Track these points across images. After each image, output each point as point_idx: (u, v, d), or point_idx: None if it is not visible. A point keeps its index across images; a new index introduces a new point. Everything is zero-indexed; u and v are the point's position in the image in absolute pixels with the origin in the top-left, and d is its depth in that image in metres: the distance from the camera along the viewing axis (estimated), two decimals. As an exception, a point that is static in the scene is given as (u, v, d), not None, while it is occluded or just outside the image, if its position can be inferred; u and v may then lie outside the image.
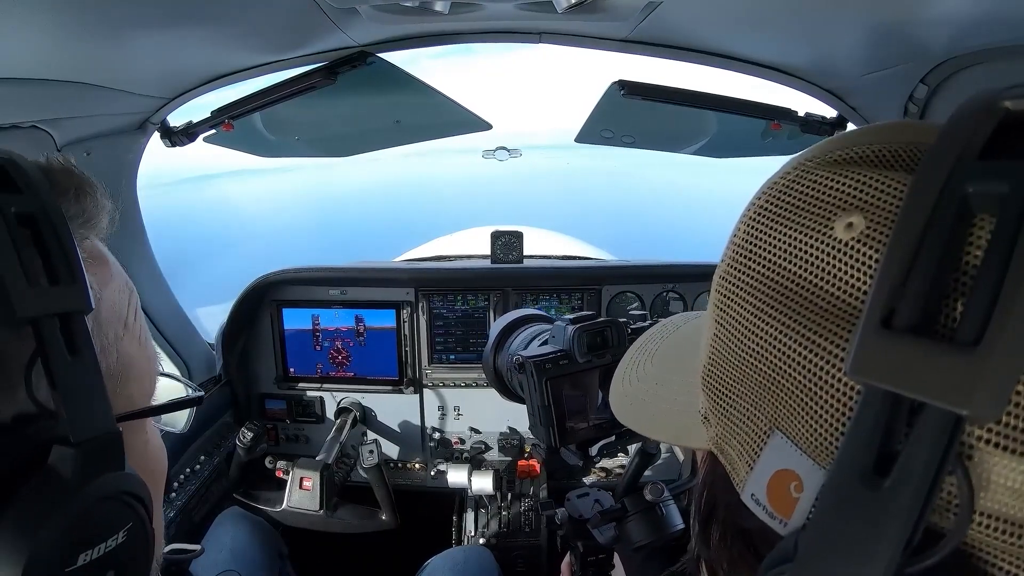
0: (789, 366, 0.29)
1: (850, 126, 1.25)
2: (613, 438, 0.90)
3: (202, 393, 0.53)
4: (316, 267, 1.67)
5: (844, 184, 0.29)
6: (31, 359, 0.32)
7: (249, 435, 1.59)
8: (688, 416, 0.38)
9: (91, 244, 0.40)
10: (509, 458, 1.73)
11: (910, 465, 0.23)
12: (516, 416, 1.74)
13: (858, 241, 0.27)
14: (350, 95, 1.36)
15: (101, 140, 1.15)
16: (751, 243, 0.33)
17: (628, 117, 1.52)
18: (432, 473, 1.75)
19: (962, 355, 0.21)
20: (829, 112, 1.26)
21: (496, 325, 1.07)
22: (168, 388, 0.53)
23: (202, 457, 1.54)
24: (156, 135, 1.30)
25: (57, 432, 0.33)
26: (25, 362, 0.32)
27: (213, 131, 1.35)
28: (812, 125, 1.29)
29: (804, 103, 1.27)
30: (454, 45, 1.25)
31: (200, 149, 1.42)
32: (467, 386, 1.69)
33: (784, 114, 1.32)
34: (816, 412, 0.28)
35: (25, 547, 0.30)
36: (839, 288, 0.28)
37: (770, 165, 0.36)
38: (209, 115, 1.32)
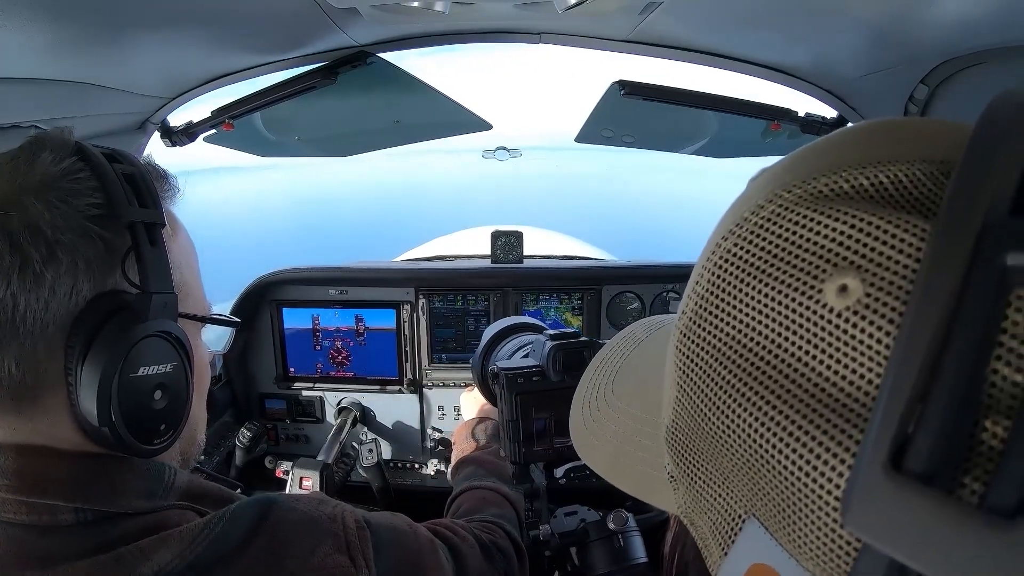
0: (766, 457, 0.24)
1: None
2: (583, 461, 0.87)
3: (239, 320, 0.71)
4: (316, 267, 1.67)
5: (833, 231, 0.23)
6: (127, 252, 0.49)
7: (248, 435, 1.59)
8: (654, 468, 0.33)
9: (166, 207, 0.56)
10: (508, 458, 1.73)
11: None
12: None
13: (854, 312, 0.22)
14: (350, 95, 1.36)
15: (101, 140, 1.15)
16: (718, 297, 0.27)
17: (628, 117, 1.52)
18: (432, 473, 1.74)
19: (996, 531, 0.16)
20: (829, 112, 1.26)
21: (488, 331, 1.06)
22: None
23: (202, 457, 1.54)
24: (156, 135, 1.30)
25: (137, 295, 0.50)
26: (123, 253, 0.49)
27: (213, 131, 1.35)
28: (812, 125, 1.29)
29: (804, 103, 1.27)
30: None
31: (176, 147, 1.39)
32: (467, 386, 1.69)
33: (784, 114, 1.32)
34: (801, 514, 0.23)
35: (109, 350, 0.47)
36: (831, 370, 0.22)
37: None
38: (209, 115, 1.31)
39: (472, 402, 1.18)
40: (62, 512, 0.46)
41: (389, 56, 1.24)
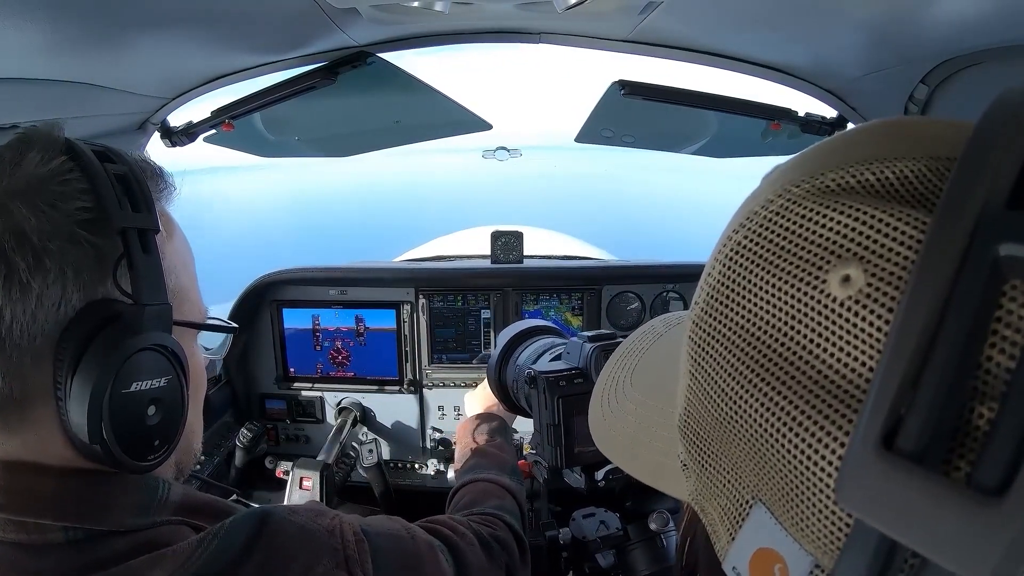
0: (771, 442, 0.25)
1: (850, 126, 1.25)
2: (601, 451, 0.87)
3: (236, 326, 0.66)
4: (316, 267, 1.67)
5: (838, 223, 0.24)
6: (118, 259, 0.47)
7: (249, 435, 1.59)
8: (668, 457, 0.34)
9: (161, 207, 0.54)
10: (509, 458, 1.73)
11: None
12: (515, 417, 1.74)
13: (856, 302, 0.22)
14: (350, 95, 1.36)
15: (101, 140, 1.15)
16: (728, 288, 0.28)
17: (628, 117, 1.52)
18: (432, 473, 1.75)
19: (981, 507, 0.17)
20: (829, 112, 1.26)
21: (503, 335, 1.05)
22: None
23: (202, 457, 1.54)
24: (156, 135, 1.30)
25: (129, 305, 0.47)
26: (114, 260, 0.47)
27: (213, 131, 1.36)
28: (812, 125, 1.29)
29: (804, 103, 1.27)
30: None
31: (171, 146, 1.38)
32: (467, 386, 1.69)
33: (784, 114, 1.32)
34: (803, 496, 0.24)
35: (99, 364, 0.45)
36: (833, 357, 0.23)
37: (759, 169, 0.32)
38: (209, 115, 1.32)
39: (475, 399, 1.18)
40: (51, 531, 0.45)
41: (389, 56, 1.24)
